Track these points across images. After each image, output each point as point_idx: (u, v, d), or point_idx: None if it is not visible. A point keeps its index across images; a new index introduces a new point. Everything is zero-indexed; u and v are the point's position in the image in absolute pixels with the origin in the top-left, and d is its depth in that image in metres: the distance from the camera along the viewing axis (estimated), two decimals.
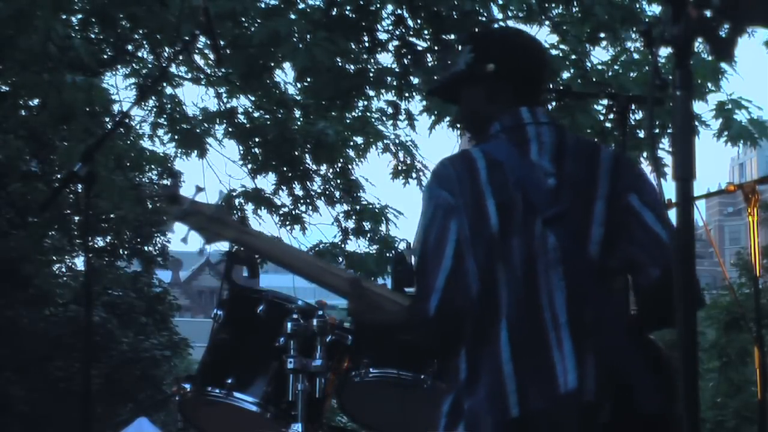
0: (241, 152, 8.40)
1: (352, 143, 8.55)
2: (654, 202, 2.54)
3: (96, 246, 18.61)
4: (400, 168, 8.54)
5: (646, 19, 6.78)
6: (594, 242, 2.49)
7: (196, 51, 7.66)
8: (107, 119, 8.37)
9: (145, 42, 8.04)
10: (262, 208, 8.53)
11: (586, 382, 2.39)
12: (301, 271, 2.95)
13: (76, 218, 15.83)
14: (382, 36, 7.29)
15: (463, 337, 2.48)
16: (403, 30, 7.21)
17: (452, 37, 7.08)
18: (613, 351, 2.42)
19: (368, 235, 8.65)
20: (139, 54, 8.32)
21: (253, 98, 8.33)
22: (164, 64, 7.65)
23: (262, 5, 7.08)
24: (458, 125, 7.21)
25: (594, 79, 6.82)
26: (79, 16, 7.75)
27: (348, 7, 7.09)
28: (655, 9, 6.99)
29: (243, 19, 7.00)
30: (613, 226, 2.51)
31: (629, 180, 2.57)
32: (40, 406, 17.53)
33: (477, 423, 2.42)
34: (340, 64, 7.00)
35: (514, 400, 2.39)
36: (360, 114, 8.25)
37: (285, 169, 8.45)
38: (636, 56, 6.96)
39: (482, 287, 2.46)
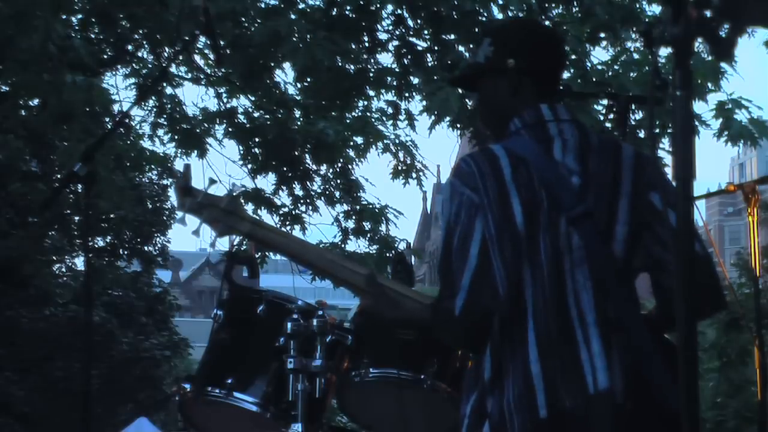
0: (241, 152, 8.40)
1: (352, 143, 8.55)
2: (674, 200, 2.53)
3: (96, 246, 18.62)
4: (400, 168, 8.55)
5: (646, 19, 6.78)
6: (618, 241, 2.48)
7: (196, 51, 7.68)
8: (107, 119, 8.37)
9: (145, 42, 8.04)
10: (262, 208, 8.54)
11: (615, 381, 2.39)
12: (315, 266, 2.94)
13: (76, 218, 15.83)
14: (382, 36, 7.30)
15: (489, 336, 2.47)
16: (403, 30, 7.21)
17: (452, 37, 7.08)
18: (638, 349, 2.42)
19: (368, 235, 8.66)
20: (139, 54, 8.33)
21: (253, 98, 8.33)
22: (164, 64, 7.65)
23: (262, 5, 7.09)
24: (458, 125, 7.21)
25: (594, 79, 6.82)
26: (79, 16, 7.75)
27: (348, 7, 7.09)
28: (655, 9, 7.00)
29: (243, 19, 7.01)
30: (636, 224, 2.50)
31: (651, 178, 2.55)
32: (40, 406, 17.53)
33: (503, 423, 2.40)
34: (340, 64, 7.00)
35: (542, 401, 2.38)
36: (360, 114, 8.25)
37: (285, 169, 8.46)
38: (636, 56, 6.96)
39: (508, 286, 2.44)
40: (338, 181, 8.76)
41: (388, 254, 8.33)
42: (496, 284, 2.44)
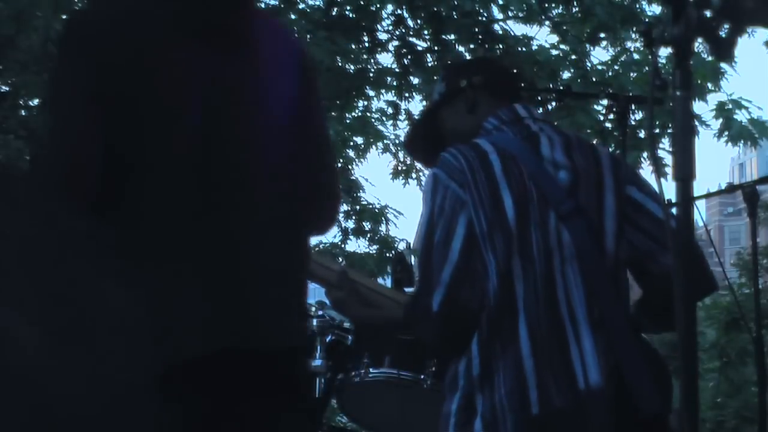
0: None
1: (352, 143, 8.56)
2: (651, 192, 2.54)
3: None
4: (400, 168, 8.56)
5: (646, 19, 6.78)
6: (609, 235, 2.47)
7: None
8: None
9: None
10: None
11: (604, 379, 2.38)
12: None
13: None
14: (382, 36, 7.31)
15: (473, 333, 2.42)
16: (403, 30, 7.22)
17: (452, 37, 7.09)
18: (619, 349, 2.40)
19: (368, 235, 8.67)
20: None
21: None
22: None
23: (262, 5, 7.09)
24: None
25: (594, 79, 6.83)
26: None
27: (348, 7, 7.10)
28: (655, 9, 7.01)
29: None
30: (620, 218, 2.50)
31: (626, 173, 2.57)
32: None
33: (496, 420, 2.37)
34: (340, 64, 7.01)
35: (534, 397, 2.35)
36: (360, 114, 8.26)
37: None
38: (636, 56, 6.97)
39: (499, 281, 2.40)
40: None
41: (388, 254, 8.34)
42: (480, 281, 2.40)
